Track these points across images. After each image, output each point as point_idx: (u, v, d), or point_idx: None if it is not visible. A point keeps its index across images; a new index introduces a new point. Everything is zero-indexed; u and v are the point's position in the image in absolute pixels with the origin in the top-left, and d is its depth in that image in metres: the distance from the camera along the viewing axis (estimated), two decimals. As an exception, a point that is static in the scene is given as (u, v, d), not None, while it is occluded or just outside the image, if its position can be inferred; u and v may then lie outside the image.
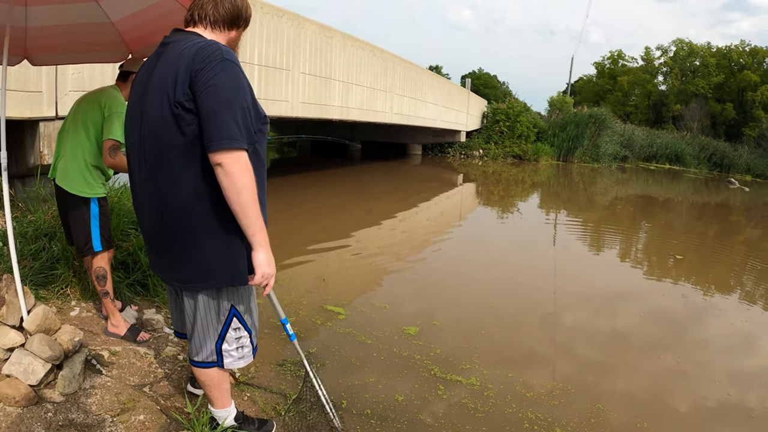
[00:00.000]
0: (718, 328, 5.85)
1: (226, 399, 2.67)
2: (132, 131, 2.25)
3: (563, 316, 5.62)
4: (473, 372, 4.12)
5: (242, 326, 2.46)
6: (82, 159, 3.29)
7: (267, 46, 9.81)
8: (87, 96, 3.40)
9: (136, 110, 2.20)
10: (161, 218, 2.19)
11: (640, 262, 8.90)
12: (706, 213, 16.37)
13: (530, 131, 27.19)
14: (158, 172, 2.12)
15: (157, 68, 2.12)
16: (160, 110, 2.04)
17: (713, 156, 32.54)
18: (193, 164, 2.06)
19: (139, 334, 3.61)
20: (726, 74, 43.11)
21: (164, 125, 2.04)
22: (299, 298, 5.36)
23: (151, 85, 2.12)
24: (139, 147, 2.18)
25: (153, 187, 2.17)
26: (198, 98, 1.96)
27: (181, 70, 1.99)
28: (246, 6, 2.29)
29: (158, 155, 2.10)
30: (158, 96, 2.05)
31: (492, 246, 8.80)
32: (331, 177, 16.32)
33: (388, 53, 16.25)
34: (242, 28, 2.32)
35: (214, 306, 2.36)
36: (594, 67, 54.18)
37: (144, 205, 2.28)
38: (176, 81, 1.99)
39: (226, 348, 2.45)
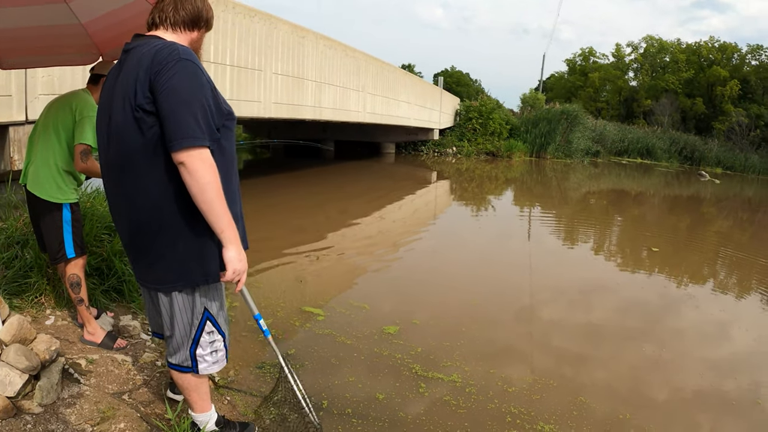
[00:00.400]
0: (694, 317, 5.99)
1: (206, 403, 2.67)
2: (101, 137, 2.27)
3: (541, 311, 5.70)
4: (454, 369, 4.14)
5: (216, 330, 2.46)
6: (53, 164, 3.22)
7: (239, 47, 9.72)
8: (58, 99, 3.34)
9: (104, 116, 2.22)
10: (133, 221, 2.22)
11: (614, 255, 9.05)
12: (678, 205, 16.69)
13: (503, 128, 27.40)
14: (126, 176, 2.15)
15: (120, 75, 2.14)
16: (123, 115, 2.07)
17: (684, 150, 33.17)
18: (158, 166, 2.07)
19: (116, 341, 3.56)
20: (696, 70, 43.90)
21: (127, 129, 2.06)
22: (277, 300, 5.34)
23: (116, 91, 2.14)
24: (107, 152, 2.21)
25: (122, 191, 2.20)
26: (157, 99, 1.98)
27: (140, 74, 2.01)
28: (207, 8, 2.32)
29: (124, 159, 2.12)
30: (121, 101, 2.08)
31: (467, 242, 8.85)
32: (304, 177, 16.26)
33: (361, 53, 16.25)
34: (203, 29, 2.34)
35: (188, 308, 2.36)
36: (565, 64, 54.79)
37: (117, 209, 2.30)
38: (136, 85, 2.01)
39: (201, 353, 2.45)
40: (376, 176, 18.65)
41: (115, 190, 2.25)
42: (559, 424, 3.48)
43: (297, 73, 12.21)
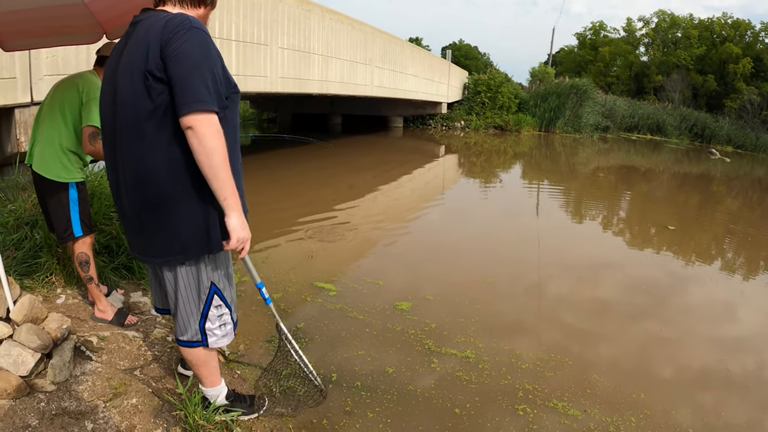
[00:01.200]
0: (701, 295, 5.98)
1: (216, 377, 2.72)
2: (105, 108, 2.27)
3: (550, 288, 5.70)
4: (468, 345, 4.17)
5: (223, 303, 2.50)
6: (58, 144, 3.23)
7: (244, 22, 9.64)
8: (64, 80, 3.34)
9: (108, 88, 2.23)
10: (135, 191, 2.21)
11: (622, 232, 9.02)
12: (687, 183, 16.56)
13: (512, 102, 27.14)
14: (131, 144, 2.14)
15: (127, 46, 2.15)
16: (131, 84, 2.07)
17: (694, 127, 32.63)
18: (165, 133, 2.08)
19: (126, 318, 3.61)
20: (708, 46, 43.10)
21: (135, 97, 2.07)
22: (287, 275, 5.36)
23: (122, 63, 2.14)
24: (112, 124, 2.21)
25: (126, 160, 2.19)
26: (168, 65, 1.99)
27: (151, 43, 2.01)
28: None
29: (131, 128, 2.12)
30: (129, 71, 2.08)
31: (476, 217, 8.84)
32: (312, 152, 16.23)
33: (368, 26, 16.08)
34: (209, 6, 2.35)
35: (194, 283, 2.39)
36: (575, 38, 54.10)
37: (118, 182, 2.29)
38: (147, 53, 2.01)
39: (210, 327, 2.50)
40: (384, 150, 18.58)
41: (117, 162, 2.25)
42: (572, 401, 3.50)
43: (303, 47, 12.11)
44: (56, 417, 2.47)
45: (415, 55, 21.35)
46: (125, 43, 2.18)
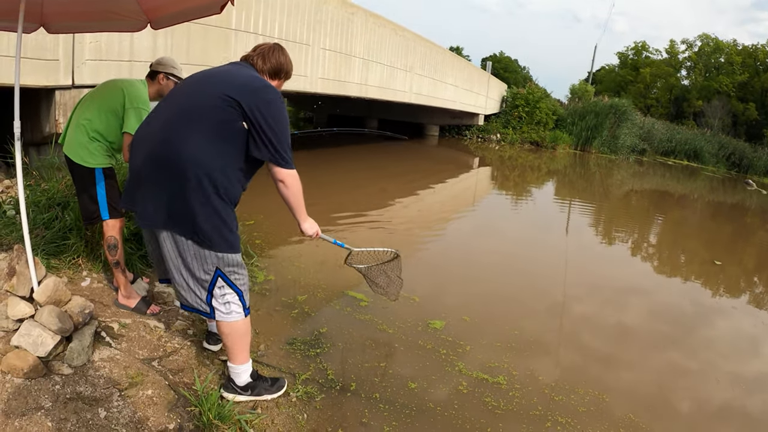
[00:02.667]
0: (726, 329, 5.76)
1: (246, 355, 2.87)
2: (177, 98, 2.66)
3: (583, 312, 5.52)
4: (502, 371, 3.95)
5: (227, 284, 2.67)
6: (88, 129, 3.32)
7: (287, 20, 9.67)
8: (112, 80, 3.48)
9: (187, 88, 2.67)
10: (174, 164, 2.47)
11: (651, 257, 8.79)
12: (720, 213, 16.11)
13: (549, 118, 26.84)
14: (191, 130, 2.48)
15: (224, 72, 2.67)
16: (215, 99, 2.49)
17: (732, 155, 31.72)
18: (225, 144, 2.51)
19: (149, 307, 3.60)
20: (751, 73, 42.17)
21: (215, 107, 2.49)
22: (316, 281, 5.16)
23: (214, 78, 2.62)
24: (176, 114, 2.55)
25: (179, 138, 2.48)
26: (262, 118, 2.50)
27: (253, 90, 2.54)
28: (288, 62, 2.87)
29: (197, 119, 2.50)
30: (213, 89, 2.54)
31: (507, 234, 8.66)
32: (346, 154, 16.22)
33: (410, 32, 16.04)
34: (284, 79, 2.90)
35: (201, 259, 2.59)
36: (617, 57, 53.29)
37: (155, 147, 2.54)
38: (240, 91, 2.50)
39: (215, 304, 2.69)
40: (418, 157, 18.49)
41: (166, 135, 2.51)
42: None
43: (345, 50, 12.11)
44: (70, 401, 2.44)
45: (455, 65, 21.26)
46: (223, 70, 2.72)
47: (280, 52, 2.83)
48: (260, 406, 2.94)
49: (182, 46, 7.20)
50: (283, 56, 2.83)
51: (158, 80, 3.52)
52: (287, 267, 5.43)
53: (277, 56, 2.81)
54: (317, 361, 3.67)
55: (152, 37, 6.54)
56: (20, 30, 2.77)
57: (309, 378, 3.43)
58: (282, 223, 6.56)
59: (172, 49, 6.95)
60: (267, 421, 2.85)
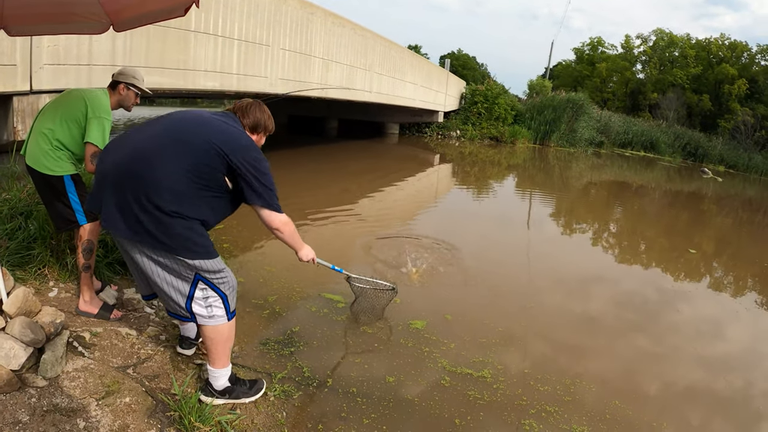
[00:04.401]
0: (690, 313, 5.97)
1: (227, 359, 2.90)
2: (159, 126, 2.72)
3: (554, 308, 5.62)
4: (487, 365, 3.97)
5: (209, 287, 2.70)
6: (51, 138, 3.28)
7: (247, 21, 9.59)
8: (73, 90, 3.46)
9: (184, 124, 2.73)
10: (150, 178, 2.50)
11: (611, 247, 9.02)
12: (678, 201, 16.62)
13: (508, 113, 27.23)
14: (174, 152, 2.56)
15: (218, 122, 2.76)
16: (208, 144, 2.60)
17: (688, 145, 32.85)
18: (206, 189, 2.62)
19: (112, 312, 3.55)
20: (704, 66, 43.50)
21: (199, 149, 2.58)
22: (289, 283, 5.08)
23: (210, 125, 2.71)
24: (164, 138, 2.62)
25: (160, 160, 2.53)
26: (251, 175, 2.68)
27: (238, 146, 2.68)
28: (266, 119, 3.01)
29: (182, 149, 2.57)
30: (200, 134, 2.64)
31: (471, 230, 8.74)
32: (307, 154, 16.15)
33: (369, 31, 16.07)
34: (263, 134, 3.04)
35: (178, 266, 2.61)
36: (573, 52, 54.25)
37: (134, 159, 2.56)
38: (233, 149, 2.65)
39: (196, 309, 2.71)
40: (379, 156, 18.53)
41: (147, 152, 2.56)
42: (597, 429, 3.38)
43: (304, 50, 12.07)
44: (47, 413, 2.41)
45: (414, 63, 21.37)
46: (213, 114, 2.83)
47: (257, 108, 2.98)
48: (239, 407, 2.94)
49: (141, 49, 7.08)
50: (260, 112, 2.98)
51: (119, 90, 3.53)
52: (257, 269, 5.41)
53: (254, 112, 2.96)
54: (293, 360, 3.69)
55: (111, 40, 6.42)
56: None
57: (285, 376, 3.44)
58: (250, 226, 6.51)
59: (131, 52, 6.84)
60: (247, 421, 2.86)
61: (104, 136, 3.31)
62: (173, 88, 8.09)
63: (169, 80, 7.84)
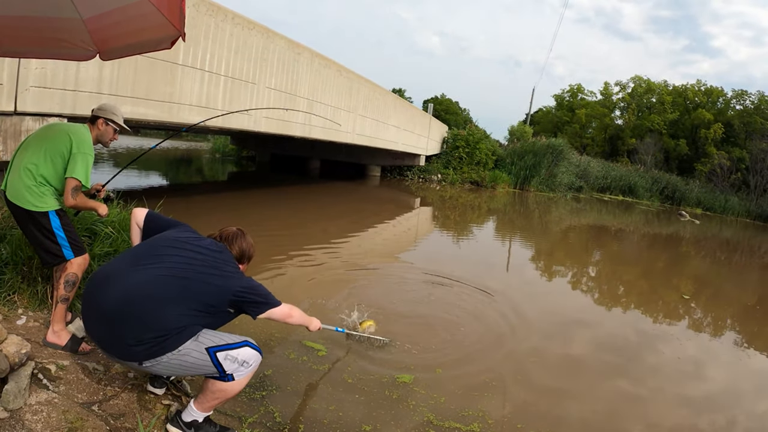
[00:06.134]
0: (670, 354, 5.96)
1: (212, 408, 2.90)
2: (162, 247, 2.81)
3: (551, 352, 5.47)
4: (477, 419, 3.83)
5: (227, 349, 2.71)
6: (34, 173, 3.26)
7: (235, 58, 9.66)
8: (56, 125, 3.47)
9: (178, 243, 2.84)
10: (146, 319, 2.56)
11: (590, 290, 9.04)
12: (657, 243, 16.83)
13: (489, 158, 27.60)
14: (170, 297, 2.62)
15: (215, 256, 2.86)
16: (211, 287, 2.72)
17: (665, 189, 33.74)
18: (200, 318, 2.69)
19: (80, 346, 3.43)
20: (681, 111, 44.91)
21: (200, 285, 2.69)
22: (270, 329, 4.91)
23: (209, 261, 2.80)
24: (168, 276, 2.66)
25: (154, 302, 2.58)
26: (252, 303, 2.83)
27: (236, 291, 2.78)
28: (248, 248, 3.10)
29: (179, 288, 2.64)
30: (218, 280, 2.76)
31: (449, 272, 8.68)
32: (288, 194, 16.13)
33: (354, 74, 16.28)
34: (246, 263, 3.13)
35: (192, 357, 2.64)
36: (554, 99, 55.57)
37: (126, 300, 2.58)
38: (235, 292, 2.78)
39: (229, 368, 2.72)
40: (360, 199, 18.57)
41: (151, 290, 2.61)
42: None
43: (290, 89, 12.17)
44: (6, 448, 2.29)
45: (397, 106, 21.65)
46: (209, 247, 2.90)
47: (242, 239, 3.07)
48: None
49: (128, 79, 7.08)
50: (244, 242, 3.07)
51: (98, 125, 3.55)
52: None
53: (239, 242, 3.04)
54: (264, 404, 3.60)
55: (98, 68, 6.42)
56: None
57: (256, 421, 3.35)
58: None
59: (118, 81, 6.83)
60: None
61: (86, 172, 3.30)
62: (158, 120, 8.08)
63: (154, 112, 7.82)
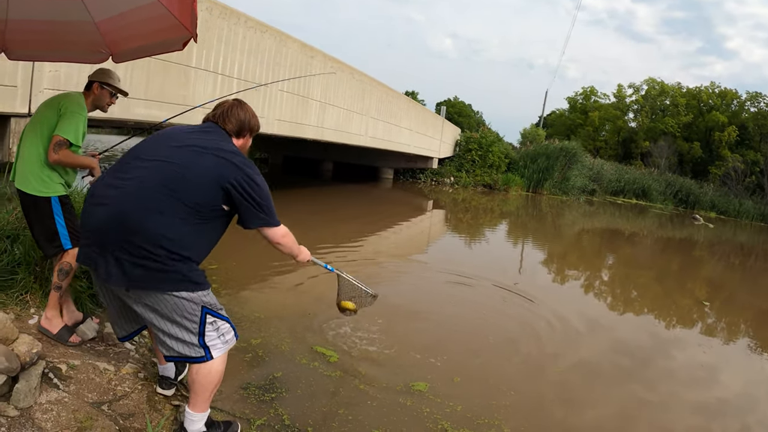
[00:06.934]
0: (683, 359, 5.91)
1: (207, 404, 2.78)
2: (149, 149, 2.61)
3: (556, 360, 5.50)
4: (492, 427, 3.73)
5: (217, 318, 2.64)
6: (37, 160, 3.24)
7: (248, 61, 9.72)
8: (50, 99, 3.39)
9: (167, 152, 2.57)
10: (143, 225, 2.41)
11: (605, 294, 8.97)
12: (670, 247, 16.68)
13: (502, 161, 27.53)
14: (165, 195, 2.44)
15: (198, 138, 2.64)
16: (202, 178, 2.49)
17: (679, 192, 33.34)
18: (199, 218, 2.51)
19: (71, 336, 3.45)
20: (695, 114, 44.49)
21: (200, 188, 2.48)
22: (280, 333, 4.85)
23: (191, 144, 2.58)
24: (154, 181, 2.47)
25: (148, 203, 2.43)
26: (243, 200, 2.56)
27: (227, 175, 2.53)
28: (250, 118, 2.82)
29: (175, 184, 2.45)
30: (209, 167, 2.52)
31: (466, 277, 8.63)
32: (301, 196, 16.18)
33: (367, 76, 16.31)
34: (248, 135, 2.85)
35: (184, 305, 2.53)
36: (567, 101, 55.31)
37: (122, 207, 2.44)
38: (227, 168, 2.54)
39: (210, 342, 2.62)
40: (372, 201, 18.60)
41: (135, 196, 2.44)
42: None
43: (302, 92, 12.21)
44: (16, 446, 2.31)
45: (410, 109, 21.66)
46: (193, 131, 2.70)
47: (238, 108, 2.79)
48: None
49: (141, 81, 7.14)
50: (242, 111, 2.79)
51: (93, 90, 3.46)
52: (244, 313, 5.26)
53: (236, 113, 2.77)
54: (273, 406, 3.57)
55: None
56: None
57: (264, 423, 3.33)
58: (243, 266, 6.44)
59: (131, 83, 6.89)
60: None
61: (75, 130, 3.22)
62: (172, 122, 8.11)
63: (168, 114, 7.87)
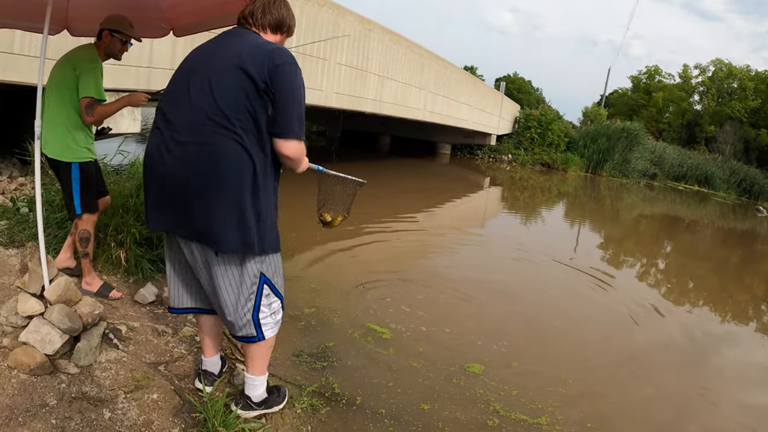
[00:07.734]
0: (736, 358, 5.68)
1: (265, 367, 2.75)
2: (182, 89, 2.34)
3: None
4: (544, 412, 3.66)
5: (272, 293, 2.52)
6: (61, 123, 3.30)
7: (305, 35, 9.75)
8: (61, 60, 3.38)
9: (198, 72, 2.33)
10: (196, 168, 2.25)
11: (660, 283, 8.70)
12: (731, 239, 15.99)
13: (561, 140, 26.88)
14: (211, 130, 2.23)
15: (226, 48, 2.34)
16: (234, 83, 2.22)
17: (743, 181, 31.62)
18: (254, 137, 2.26)
19: (111, 291, 3.63)
20: (763, 99, 42.02)
21: (234, 93, 2.22)
22: (334, 306, 4.88)
23: (220, 59, 2.30)
24: (190, 106, 2.27)
25: (198, 139, 2.24)
26: (275, 88, 2.23)
27: (262, 60, 2.23)
28: (290, 15, 2.57)
29: (217, 115, 2.22)
30: (232, 70, 2.24)
31: (523, 259, 8.52)
32: (358, 170, 16.18)
33: (425, 50, 16.14)
34: (285, 34, 2.59)
35: (240, 273, 2.40)
36: (630, 80, 53.25)
37: (173, 155, 2.29)
38: (257, 66, 2.22)
39: (263, 319, 2.51)
40: (429, 176, 18.52)
41: (183, 137, 2.27)
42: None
43: (360, 65, 12.20)
44: (75, 400, 2.43)
45: (469, 84, 21.36)
46: (216, 44, 2.40)
47: (282, 4, 2.53)
48: (266, 416, 2.92)
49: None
50: (285, 8, 2.53)
51: (103, 39, 3.39)
52: (299, 283, 5.34)
53: (278, 8, 2.50)
54: (324, 375, 3.63)
55: (172, 45, 6.61)
56: (46, 31, 2.82)
57: (315, 390, 3.39)
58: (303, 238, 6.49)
59: (175, 58, 7.02)
60: (271, 431, 2.83)
61: (97, 85, 3.24)
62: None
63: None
